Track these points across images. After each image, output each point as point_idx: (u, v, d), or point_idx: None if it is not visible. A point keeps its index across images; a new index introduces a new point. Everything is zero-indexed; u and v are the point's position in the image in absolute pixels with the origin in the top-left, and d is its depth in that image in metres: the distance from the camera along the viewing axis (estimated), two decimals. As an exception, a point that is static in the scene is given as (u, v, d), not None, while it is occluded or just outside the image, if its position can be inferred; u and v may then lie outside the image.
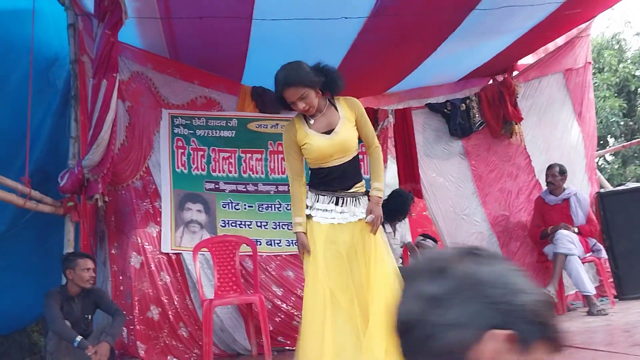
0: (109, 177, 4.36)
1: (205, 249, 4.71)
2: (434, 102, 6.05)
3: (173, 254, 4.81)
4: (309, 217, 3.11)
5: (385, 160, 5.88)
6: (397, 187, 5.82)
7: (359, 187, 3.14)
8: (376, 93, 6.21)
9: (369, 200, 3.13)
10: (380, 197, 3.15)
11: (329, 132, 3.05)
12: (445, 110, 5.96)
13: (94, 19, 4.13)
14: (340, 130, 3.04)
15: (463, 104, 5.98)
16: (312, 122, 3.07)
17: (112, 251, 4.68)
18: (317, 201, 3.10)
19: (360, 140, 3.20)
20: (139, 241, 4.68)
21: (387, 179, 5.96)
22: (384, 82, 6.12)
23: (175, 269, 4.78)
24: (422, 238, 5.86)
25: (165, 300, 4.65)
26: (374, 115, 5.71)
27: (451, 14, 4.75)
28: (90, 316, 3.98)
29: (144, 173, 4.87)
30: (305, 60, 4.69)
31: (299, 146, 3.10)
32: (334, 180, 3.08)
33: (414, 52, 5.43)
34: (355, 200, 3.09)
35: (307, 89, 2.95)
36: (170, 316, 4.63)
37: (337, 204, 3.06)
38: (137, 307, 4.53)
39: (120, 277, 4.65)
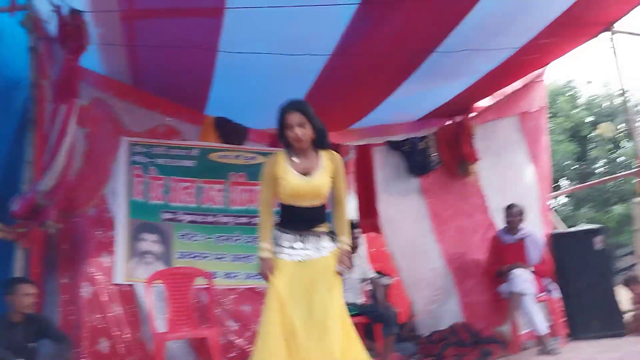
0: (63, 204, 4.25)
1: (159, 281, 4.60)
2: (394, 140, 6.15)
3: (126, 285, 4.67)
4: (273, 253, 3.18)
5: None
6: (357, 221, 5.83)
7: (322, 227, 3.22)
8: (339, 129, 6.28)
9: (331, 239, 3.22)
10: (349, 250, 3.25)
11: (306, 175, 3.16)
12: (405, 148, 6.07)
13: (56, 43, 4.07)
14: (317, 176, 3.16)
15: (421, 143, 6.10)
16: (295, 160, 3.18)
17: (63, 280, 4.50)
18: (282, 239, 3.18)
19: None
20: (91, 271, 4.54)
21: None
22: (347, 118, 6.20)
23: (127, 300, 4.63)
24: (378, 276, 5.86)
25: (116, 333, 4.49)
26: (336, 151, 5.73)
27: (412, 56, 4.87)
28: (34, 345, 3.82)
29: (99, 201, 4.75)
30: (270, 93, 4.76)
31: (276, 179, 3.18)
32: (302, 222, 3.18)
33: (375, 90, 5.53)
34: (318, 237, 3.19)
35: (308, 121, 3.13)
36: (120, 349, 4.47)
37: (302, 242, 3.16)
38: (85, 339, 4.37)
39: (70, 307, 4.48)
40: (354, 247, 5.26)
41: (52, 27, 4.11)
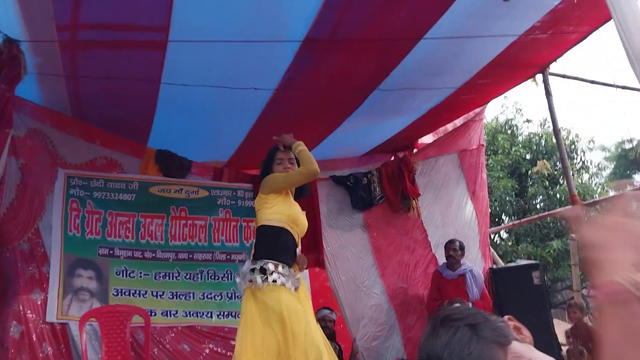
0: (-7, 238, 4.06)
1: (94, 319, 4.43)
2: (338, 175, 6.19)
3: (58, 323, 4.48)
4: (274, 281, 3.24)
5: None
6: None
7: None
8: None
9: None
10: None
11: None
12: (349, 183, 6.12)
13: (-10, 72, 3.94)
14: (303, 215, 3.49)
15: (365, 178, 6.18)
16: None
17: (-10, 319, 4.30)
18: (279, 267, 3.27)
19: None
20: (21, 309, 4.34)
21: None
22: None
23: (59, 340, 4.45)
24: (329, 311, 5.82)
25: (46, 375, 4.29)
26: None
27: (356, 92, 4.95)
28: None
29: (32, 235, 4.58)
30: (213, 127, 4.71)
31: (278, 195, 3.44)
32: (290, 250, 3.35)
33: (320, 125, 5.58)
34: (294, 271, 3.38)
35: (294, 159, 3.52)
36: (50, 392, 4.27)
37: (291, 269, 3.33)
38: (12, 381, 4.15)
39: (-4, 348, 4.26)
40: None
41: (-14, 56, 3.98)
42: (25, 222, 4.56)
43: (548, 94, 5.52)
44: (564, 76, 5.51)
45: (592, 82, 5.43)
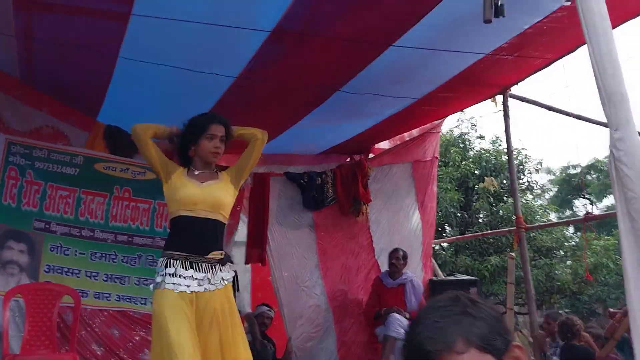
0: None
1: (20, 296, 4.21)
2: (292, 172, 6.13)
3: (-20, 297, 4.25)
4: (158, 284, 2.88)
5: (237, 222, 5.80)
6: (245, 248, 5.74)
7: (217, 255, 2.98)
8: (238, 152, 6.16)
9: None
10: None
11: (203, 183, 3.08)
12: (302, 181, 6.07)
13: None
14: (214, 185, 3.06)
15: (319, 178, 6.14)
16: (196, 172, 3.09)
17: None
18: (168, 266, 2.88)
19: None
20: (-58, 278, 4.10)
21: (237, 238, 5.87)
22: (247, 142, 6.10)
23: (-20, 313, 4.21)
24: (267, 308, 5.76)
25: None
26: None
27: (318, 90, 4.90)
28: None
29: (-37, 201, 4.32)
30: (169, 108, 4.56)
31: (166, 171, 3.08)
32: (193, 237, 2.93)
33: (279, 118, 5.49)
34: (212, 268, 2.93)
35: (225, 138, 3.14)
36: (-36, 368, 4.04)
37: (192, 268, 2.88)
38: None
39: None
40: (236, 285, 5.11)
41: None
42: (-43, 187, 4.31)
43: (506, 115, 5.60)
44: (523, 99, 5.59)
45: (550, 108, 5.53)
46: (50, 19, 3.97)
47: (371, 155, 6.54)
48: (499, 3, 2.69)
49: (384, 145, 6.69)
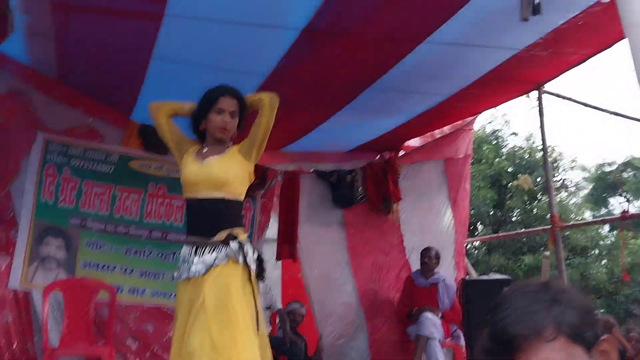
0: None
1: (59, 290, 4.32)
2: (322, 170, 6.14)
3: (21, 291, 4.36)
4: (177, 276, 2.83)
5: (268, 219, 5.85)
6: (276, 245, 5.78)
7: (222, 236, 2.74)
8: (267, 150, 6.19)
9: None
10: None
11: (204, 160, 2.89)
12: (332, 179, 6.08)
13: (-25, 26, 3.80)
14: (214, 161, 2.84)
15: (349, 176, 6.13)
16: (204, 150, 2.92)
17: (-50, 279, 4.17)
18: (183, 254, 2.80)
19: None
20: (-16, 272, 4.22)
21: (268, 234, 5.92)
22: (277, 140, 6.13)
23: (21, 307, 4.32)
24: (299, 305, 5.78)
25: (3, 342, 4.15)
26: (263, 174, 5.68)
27: (348, 88, 4.89)
28: None
29: (3, 197, 4.43)
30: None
31: (180, 151, 2.98)
32: (198, 220, 2.79)
33: (308, 116, 5.51)
34: (216, 249, 2.71)
35: (238, 113, 2.94)
36: (6, 360, 4.16)
37: (197, 254, 2.71)
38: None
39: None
40: (260, 273, 5.03)
41: (-27, 8, 3.83)
42: (-3, 184, 4.43)
43: (541, 112, 5.51)
44: (558, 96, 5.50)
45: (586, 105, 5.42)
46: (85, 20, 4.05)
47: (402, 153, 6.50)
48: (536, 1, 2.64)
49: (415, 142, 6.64)
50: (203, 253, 2.69)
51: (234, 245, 2.73)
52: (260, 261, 2.84)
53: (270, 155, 6.19)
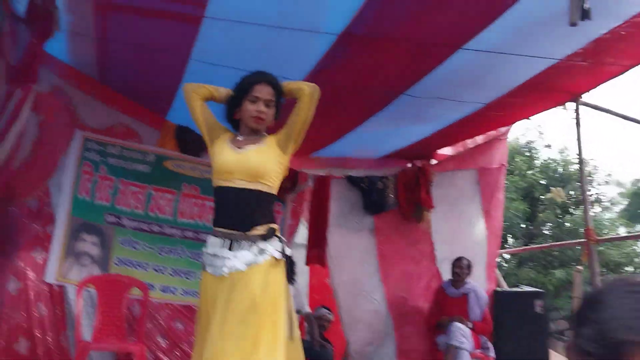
0: (3, 191, 4.02)
1: (92, 286, 4.39)
2: (353, 176, 6.13)
3: (56, 285, 4.44)
4: (202, 266, 2.71)
5: (297, 223, 5.86)
6: (305, 250, 5.78)
7: (260, 231, 2.57)
8: (299, 155, 6.21)
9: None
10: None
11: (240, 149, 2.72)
12: (363, 185, 6.06)
13: (23, 24, 3.90)
14: (252, 150, 2.68)
15: (380, 182, 6.11)
16: (239, 138, 2.76)
17: (-13, 271, 4.27)
18: (209, 244, 2.66)
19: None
20: (21, 265, 4.30)
21: (297, 239, 5.93)
22: (309, 145, 6.14)
23: (55, 301, 4.40)
24: (327, 311, 5.77)
25: (38, 334, 4.24)
26: (294, 178, 5.70)
27: (382, 93, 4.87)
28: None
29: (42, 193, 4.53)
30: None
31: (211, 137, 2.80)
32: (231, 208, 2.58)
33: (341, 122, 5.50)
34: (253, 245, 2.54)
35: (275, 102, 2.78)
36: (40, 352, 4.22)
37: (231, 248, 2.54)
38: (3, 336, 4.11)
39: (-9, 300, 4.22)
40: (291, 276, 4.96)
41: (21, 7, 3.94)
42: (37, 180, 4.52)
43: (578, 123, 5.41)
44: (596, 107, 5.39)
45: (625, 117, 5.30)
46: (125, 21, 4.13)
47: (433, 162, 6.45)
48: (586, 6, 2.58)
49: (446, 152, 6.59)
50: (240, 248, 2.53)
51: (275, 242, 2.59)
52: (291, 264, 2.75)
53: (301, 161, 6.21)
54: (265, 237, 2.56)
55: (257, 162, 2.63)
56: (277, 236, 2.62)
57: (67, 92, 4.71)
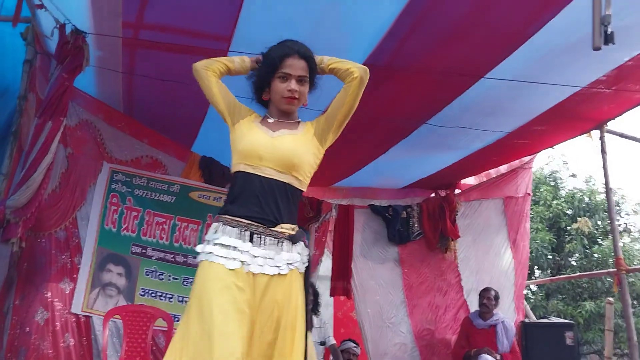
0: (32, 222, 4.08)
1: (118, 317, 4.41)
2: (377, 205, 6.11)
3: (83, 316, 4.48)
4: (206, 255, 2.13)
5: (321, 253, 5.84)
6: (330, 281, 5.75)
7: (287, 229, 2.18)
8: (323, 185, 6.23)
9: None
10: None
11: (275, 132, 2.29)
12: (387, 214, 6.04)
13: (54, 59, 4.02)
14: (288, 136, 2.27)
15: (404, 212, 6.08)
16: (270, 120, 2.33)
17: (16, 302, 4.31)
18: (219, 232, 2.16)
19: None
20: (49, 296, 4.35)
21: (321, 271, 5.90)
22: (332, 175, 6.17)
23: (82, 332, 4.44)
24: (354, 344, 5.69)
25: (64, 365, 4.27)
26: (318, 206, 5.70)
27: (404, 123, 4.89)
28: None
29: (69, 224, 4.60)
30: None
31: (233, 116, 2.36)
32: (255, 199, 2.17)
33: (363, 151, 5.52)
34: (279, 243, 2.16)
35: (308, 77, 2.32)
36: (65, 383, 4.25)
37: (250, 241, 2.13)
38: (30, 366, 4.14)
39: (18, 331, 4.25)
40: (315, 307, 4.85)
41: (52, 44, 4.07)
42: (65, 211, 4.61)
43: (603, 151, 5.35)
44: (621, 135, 5.34)
45: (652, 144, 5.24)
46: (151, 55, 4.24)
47: (457, 191, 6.42)
48: (609, 31, 2.56)
49: (470, 181, 6.56)
50: (264, 244, 2.14)
51: (302, 248, 2.22)
52: (315, 295, 2.59)
53: (323, 191, 6.23)
54: (293, 239, 2.19)
55: (292, 151, 2.23)
56: (304, 242, 2.26)
57: (95, 125, 4.83)
